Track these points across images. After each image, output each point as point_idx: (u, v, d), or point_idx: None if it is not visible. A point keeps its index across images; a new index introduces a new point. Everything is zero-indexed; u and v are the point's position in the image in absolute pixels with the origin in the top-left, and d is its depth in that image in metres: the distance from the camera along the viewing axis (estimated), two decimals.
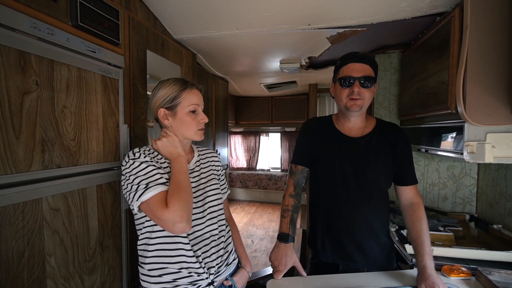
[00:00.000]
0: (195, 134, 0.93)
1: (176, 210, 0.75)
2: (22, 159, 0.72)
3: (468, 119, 1.00)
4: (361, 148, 1.04)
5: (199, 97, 0.94)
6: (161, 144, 0.88)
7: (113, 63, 1.03)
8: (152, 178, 0.80)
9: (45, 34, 0.78)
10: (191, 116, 0.90)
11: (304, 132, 1.16)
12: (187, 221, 0.77)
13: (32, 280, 0.75)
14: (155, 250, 0.84)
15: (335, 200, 1.06)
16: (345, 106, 1.02)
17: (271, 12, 1.32)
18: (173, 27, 1.52)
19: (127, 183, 0.81)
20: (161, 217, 0.75)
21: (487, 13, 0.98)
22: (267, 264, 2.96)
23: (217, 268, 0.91)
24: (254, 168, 5.71)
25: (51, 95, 0.80)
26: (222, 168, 1.10)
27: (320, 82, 3.44)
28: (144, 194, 0.77)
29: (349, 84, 1.00)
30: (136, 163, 0.82)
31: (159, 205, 0.76)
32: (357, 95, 0.98)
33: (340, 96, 1.03)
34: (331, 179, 1.06)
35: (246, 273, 1.04)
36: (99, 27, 0.96)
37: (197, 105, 0.92)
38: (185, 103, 0.89)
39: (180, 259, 0.84)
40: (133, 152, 0.85)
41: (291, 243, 1.02)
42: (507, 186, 1.35)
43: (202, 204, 0.92)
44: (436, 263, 1.08)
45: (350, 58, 1.02)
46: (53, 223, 0.81)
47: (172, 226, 0.76)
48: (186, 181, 0.83)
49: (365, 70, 0.99)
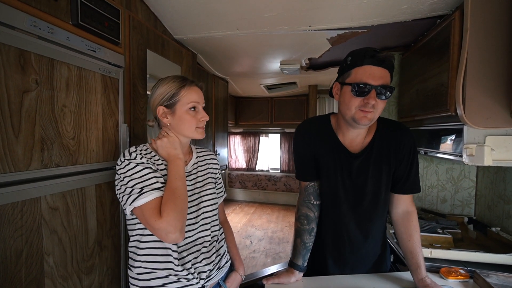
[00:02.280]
0: (194, 132, 0.89)
1: (170, 220, 0.73)
2: (21, 157, 0.72)
3: (468, 121, 1.01)
4: (361, 164, 0.94)
5: (199, 94, 0.91)
6: (161, 143, 0.86)
7: (113, 62, 1.03)
8: (148, 182, 0.77)
9: (45, 33, 0.78)
10: (191, 113, 0.88)
11: (302, 139, 1.01)
12: (181, 231, 0.75)
13: (30, 280, 0.75)
14: (144, 254, 0.82)
15: (340, 217, 0.99)
16: (353, 117, 0.85)
17: (272, 13, 1.33)
18: (173, 27, 1.52)
19: (121, 184, 0.79)
20: (154, 225, 0.73)
21: (487, 16, 0.99)
22: (266, 265, 2.96)
23: (209, 272, 0.88)
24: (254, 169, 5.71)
25: (50, 94, 0.80)
26: (220, 170, 1.07)
27: (320, 83, 3.44)
28: (138, 199, 0.74)
29: (363, 92, 0.81)
30: (132, 164, 0.78)
31: (153, 213, 0.73)
32: (371, 108, 0.82)
33: (348, 104, 0.85)
34: (334, 195, 0.98)
35: (239, 276, 1.01)
36: (99, 26, 0.96)
37: (197, 103, 0.89)
38: (184, 100, 0.87)
39: (167, 265, 0.81)
40: (129, 152, 0.81)
41: (296, 271, 0.99)
42: (506, 189, 1.36)
43: (196, 210, 0.89)
44: (435, 265, 1.09)
45: (367, 57, 0.81)
46: (51, 222, 0.81)
47: (165, 236, 0.74)
48: (182, 188, 0.80)
49: (384, 76, 0.81)
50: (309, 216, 1.00)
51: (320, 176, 1.00)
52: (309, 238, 0.99)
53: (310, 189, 1.02)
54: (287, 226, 4.23)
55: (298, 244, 1.00)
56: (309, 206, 1.01)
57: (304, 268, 0.99)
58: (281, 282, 0.97)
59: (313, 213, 1.01)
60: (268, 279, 0.99)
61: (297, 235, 1.01)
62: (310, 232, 1.00)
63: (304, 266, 0.99)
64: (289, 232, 3.97)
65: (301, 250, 0.99)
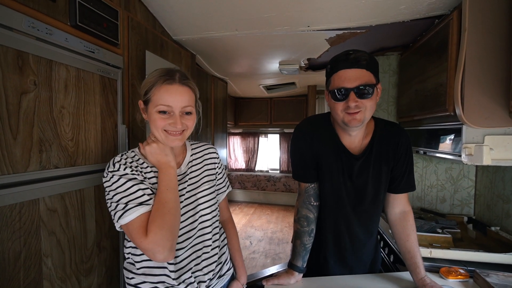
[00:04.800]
0: (162, 135, 0.76)
1: (157, 240, 0.66)
2: (19, 159, 0.72)
3: (466, 121, 1.01)
4: (362, 166, 0.94)
5: (176, 97, 0.75)
6: (149, 150, 0.77)
7: (111, 63, 1.03)
8: (132, 197, 0.69)
9: (43, 34, 0.77)
10: (160, 115, 0.75)
11: (303, 139, 0.99)
12: (170, 250, 0.68)
13: (29, 282, 0.74)
14: (141, 268, 0.77)
15: (341, 219, 0.99)
16: (343, 121, 0.87)
17: (270, 13, 1.33)
18: (172, 28, 1.51)
19: (107, 199, 0.72)
20: (140, 245, 0.67)
21: (485, 16, 0.99)
22: (266, 266, 2.95)
23: (208, 282, 0.83)
24: (253, 169, 5.70)
25: (49, 95, 0.80)
26: (220, 164, 0.96)
27: (319, 83, 3.45)
28: (123, 217, 0.68)
29: (343, 97, 0.84)
30: (115, 177, 0.71)
31: (138, 232, 0.67)
32: (355, 108, 0.82)
33: (335, 109, 0.87)
34: (337, 197, 0.97)
35: (241, 286, 0.96)
36: (98, 27, 0.95)
37: (168, 107, 0.74)
38: (154, 100, 0.75)
39: (163, 278, 0.76)
40: (113, 163, 0.73)
41: (296, 272, 0.98)
42: (505, 188, 1.36)
43: (193, 214, 0.82)
44: (434, 265, 1.09)
45: (340, 62, 0.84)
46: (50, 224, 0.80)
47: (152, 256, 0.68)
48: (173, 201, 0.72)
49: (360, 76, 0.81)
50: (309, 217, 0.99)
51: (321, 177, 0.98)
52: (309, 240, 0.99)
53: (310, 190, 1.00)
54: (286, 227, 4.22)
55: (297, 246, 0.99)
56: (309, 207, 1.00)
57: (304, 269, 0.99)
58: (281, 283, 0.97)
59: (313, 214, 1.00)
60: (267, 280, 0.98)
61: (297, 236, 1.00)
62: (310, 233, 0.99)
63: (303, 267, 0.99)
64: (288, 233, 3.97)
65: (300, 251, 0.99)
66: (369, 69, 0.83)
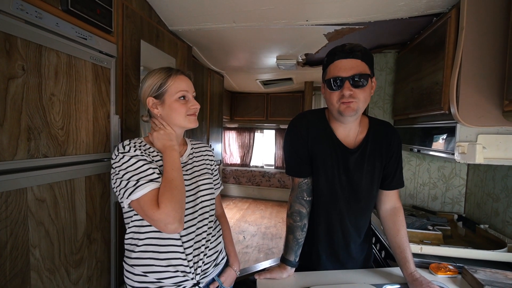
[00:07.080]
0: (186, 120, 0.89)
1: (168, 212, 0.73)
2: (6, 147, 0.70)
3: (461, 120, 1.01)
4: (357, 160, 0.96)
5: (187, 83, 0.90)
6: (157, 135, 0.86)
7: (104, 51, 1.00)
8: (143, 174, 0.77)
9: (32, 17, 0.74)
10: (180, 102, 0.87)
11: (297, 134, 0.99)
12: (180, 222, 0.75)
13: (15, 273, 0.73)
14: (143, 245, 0.82)
15: (335, 213, 0.99)
16: (338, 111, 0.89)
17: (269, 6, 1.31)
18: (168, 18, 1.48)
19: (116, 178, 0.78)
20: (153, 217, 0.73)
21: (482, 16, 0.99)
22: (259, 260, 2.97)
23: (205, 268, 0.89)
24: (248, 165, 5.70)
25: (38, 81, 0.77)
26: (216, 163, 1.07)
27: (316, 79, 3.44)
28: (135, 192, 0.74)
29: (338, 86, 0.87)
30: (126, 157, 0.78)
31: (150, 205, 0.73)
32: (350, 98, 0.85)
33: (330, 99, 0.90)
34: (331, 192, 0.98)
35: (234, 272, 1.02)
36: (90, 13, 0.92)
37: (186, 91, 0.88)
38: (172, 90, 0.86)
39: (169, 255, 0.82)
40: (123, 145, 0.81)
41: (288, 267, 0.99)
42: (495, 187, 1.38)
43: (194, 199, 0.89)
44: (424, 261, 1.11)
45: (336, 53, 0.87)
46: (38, 214, 0.78)
47: (164, 227, 0.74)
48: (179, 178, 0.80)
49: (355, 66, 0.85)
50: (302, 212, 1.00)
51: (315, 172, 0.99)
52: (301, 234, 1.00)
53: (304, 185, 1.01)
54: (280, 222, 4.25)
55: (290, 240, 1.00)
56: (302, 202, 1.00)
57: (296, 263, 1.00)
58: (273, 277, 0.98)
59: (306, 209, 1.00)
60: (260, 274, 0.99)
61: (290, 231, 1.01)
62: (303, 228, 1.00)
63: (296, 262, 1.00)
64: (282, 228, 3.99)
65: (293, 246, 0.99)
66: (364, 60, 0.87)
